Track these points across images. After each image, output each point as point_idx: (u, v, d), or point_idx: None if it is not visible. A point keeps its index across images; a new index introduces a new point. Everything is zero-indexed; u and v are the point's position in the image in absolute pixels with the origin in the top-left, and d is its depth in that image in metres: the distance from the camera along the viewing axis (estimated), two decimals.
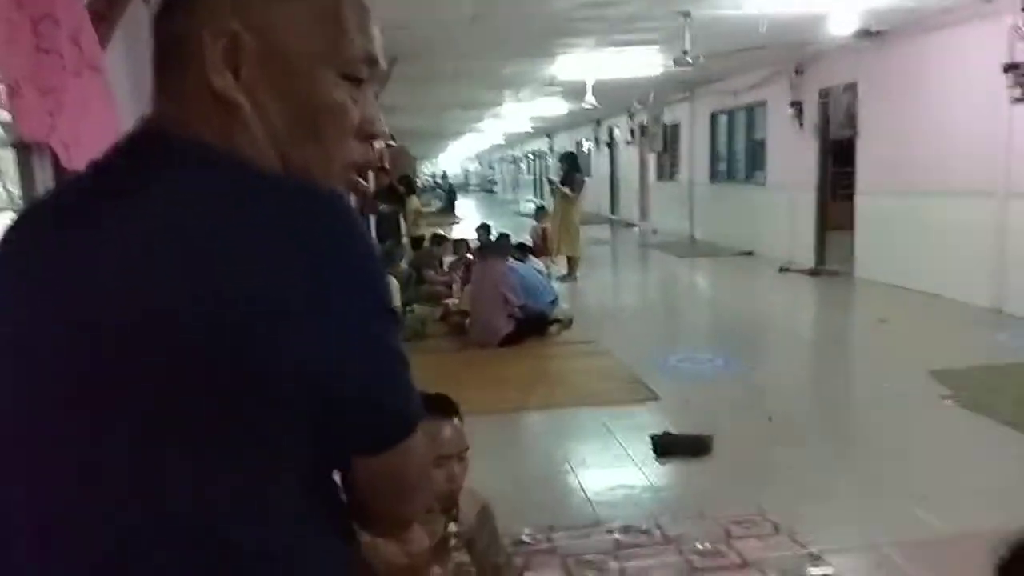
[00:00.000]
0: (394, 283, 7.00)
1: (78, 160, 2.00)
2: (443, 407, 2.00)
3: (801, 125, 10.09)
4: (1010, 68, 6.47)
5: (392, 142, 16.24)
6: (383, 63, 0.83)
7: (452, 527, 2.01)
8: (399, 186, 11.35)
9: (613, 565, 2.86)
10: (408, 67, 8.02)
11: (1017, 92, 6.47)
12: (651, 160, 16.41)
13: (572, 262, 10.09)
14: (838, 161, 10.42)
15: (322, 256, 0.71)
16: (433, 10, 6.13)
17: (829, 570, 2.75)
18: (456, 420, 2.00)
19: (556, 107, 14.41)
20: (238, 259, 0.69)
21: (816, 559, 2.82)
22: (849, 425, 4.62)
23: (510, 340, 6.45)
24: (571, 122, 20.00)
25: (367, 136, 0.83)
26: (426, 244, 10.11)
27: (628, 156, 17.91)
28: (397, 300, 6.88)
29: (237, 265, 0.69)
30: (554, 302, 7.17)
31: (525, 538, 3.07)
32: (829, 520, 3.21)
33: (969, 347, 5.70)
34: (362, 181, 0.88)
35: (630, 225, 17.62)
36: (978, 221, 7.03)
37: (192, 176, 0.74)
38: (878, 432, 4.39)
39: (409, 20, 6.32)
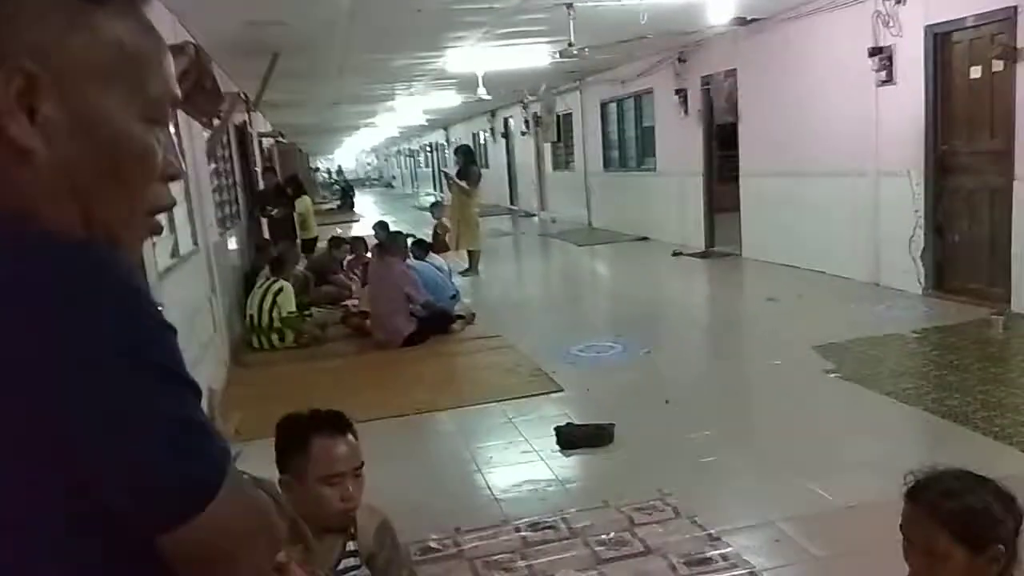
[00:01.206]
0: (288, 288, 6.81)
1: None
2: (336, 423, 1.94)
3: (686, 112, 10.38)
4: (875, 52, 6.85)
5: (281, 139, 15.80)
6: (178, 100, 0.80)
7: (351, 545, 1.96)
8: (287, 187, 11.03)
9: (521, 564, 2.87)
10: (291, 62, 7.78)
11: (882, 75, 6.85)
12: (547, 150, 16.59)
13: (473, 256, 10.08)
14: (723, 146, 10.79)
15: (62, 318, 0.66)
16: (309, 6, 5.94)
17: (728, 550, 2.84)
18: (350, 436, 1.94)
19: (449, 99, 14.33)
20: None
21: (715, 540, 2.91)
22: (742, 404, 4.79)
23: (413, 339, 6.38)
24: (466, 113, 19.95)
25: (168, 178, 0.80)
26: (320, 246, 9.89)
27: (524, 146, 18.04)
28: (291, 306, 6.72)
29: None
30: (455, 297, 7.14)
31: (432, 544, 3.04)
32: (727, 500, 3.32)
33: (850, 321, 6.01)
34: (160, 223, 0.84)
35: (530, 215, 17.78)
36: (854, 199, 7.42)
37: None
38: (769, 410, 4.58)
39: (284, 17, 6.12)
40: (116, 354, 0.67)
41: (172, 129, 0.82)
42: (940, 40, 6.36)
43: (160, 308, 0.73)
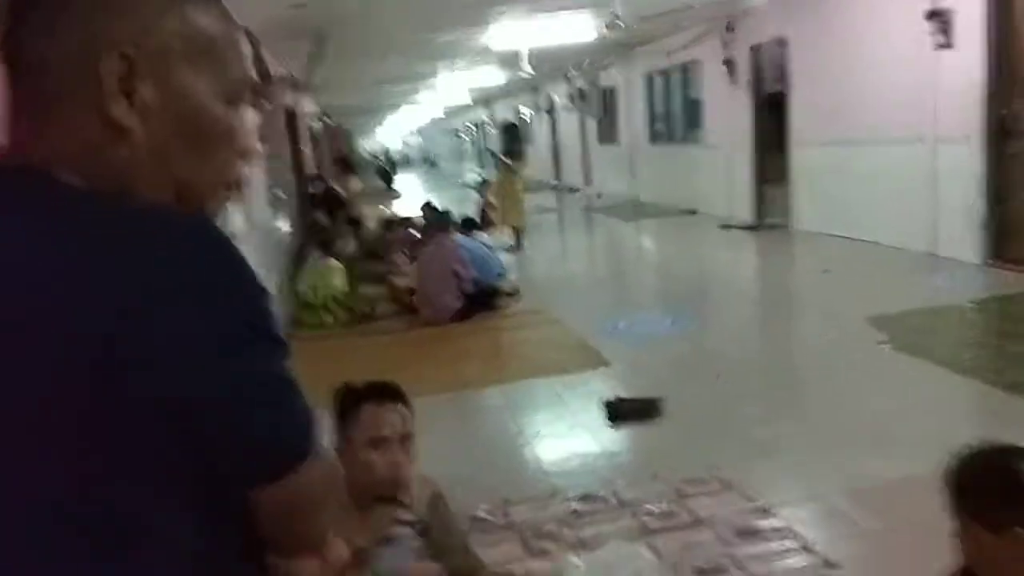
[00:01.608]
0: (338, 266, 6.92)
1: None
2: (387, 392, 1.98)
3: (734, 82, 10.18)
4: (932, 15, 6.60)
5: (327, 119, 15.96)
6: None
7: (405, 515, 2.01)
8: (336, 166, 11.17)
9: (570, 534, 2.90)
10: (338, 43, 7.84)
11: (940, 39, 6.61)
12: (591, 124, 16.44)
13: (518, 232, 10.09)
14: (773, 116, 10.55)
15: (181, 285, 0.70)
16: None
17: (779, 523, 2.82)
18: (400, 405, 1.98)
19: (493, 76, 14.27)
20: (92, 294, 0.68)
21: (766, 512, 2.90)
22: (794, 377, 4.73)
23: (460, 316, 6.43)
24: (509, 90, 19.86)
25: (247, 154, 0.86)
26: (370, 228, 9.99)
27: (568, 122, 17.91)
28: (342, 284, 6.83)
29: (92, 301, 0.68)
30: (502, 275, 7.17)
31: (482, 515, 3.09)
32: (778, 474, 3.29)
33: (905, 292, 5.87)
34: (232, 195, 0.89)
35: (574, 190, 17.68)
36: (910, 167, 7.20)
37: (46, 213, 0.72)
38: (822, 382, 4.51)
39: None
40: (244, 323, 0.73)
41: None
42: (1001, 0, 6.11)
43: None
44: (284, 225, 8.22)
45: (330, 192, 10.86)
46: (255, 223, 6.01)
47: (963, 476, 1.46)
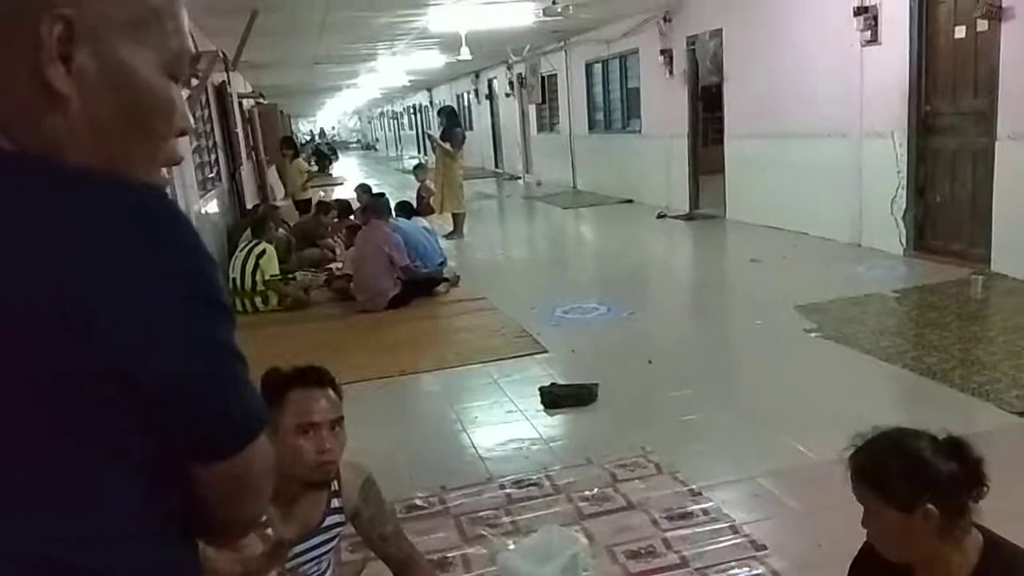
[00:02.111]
0: (271, 251, 6.77)
1: None
2: (315, 377, 1.93)
3: (671, 73, 10.30)
4: (860, 12, 6.80)
5: (262, 100, 15.55)
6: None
7: (335, 502, 1.97)
8: (283, 148, 10.92)
9: (505, 520, 2.91)
10: (270, 19, 7.63)
11: (867, 35, 6.82)
12: (531, 112, 16.45)
13: (457, 219, 10.04)
14: (708, 107, 10.73)
15: (130, 253, 0.69)
16: None
17: (709, 504, 2.89)
18: (329, 390, 1.94)
19: (433, 60, 14.13)
20: (39, 261, 0.66)
21: (696, 495, 2.96)
22: (724, 363, 4.84)
23: (397, 302, 6.37)
24: (450, 74, 19.72)
25: (181, 133, 0.82)
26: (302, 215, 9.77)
27: (508, 108, 17.88)
28: (275, 269, 6.69)
29: (39, 267, 0.66)
30: (441, 261, 7.12)
31: (418, 501, 3.08)
32: (708, 457, 3.37)
33: (831, 282, 6.06)
34: (165, 177, 0.87)
35: (514, 178, 17.69)
36: (837, 161, 7.42)
37: None
38: (751, 368, 4.63)
39: None
40: (194, 291, 0.71)
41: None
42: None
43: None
44: (215, 208, 8.00)
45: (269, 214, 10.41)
46: (185, 205, 5.82)
47: (867, 463, 1.48)
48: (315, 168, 17.81)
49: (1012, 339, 4.44)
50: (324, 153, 25.67)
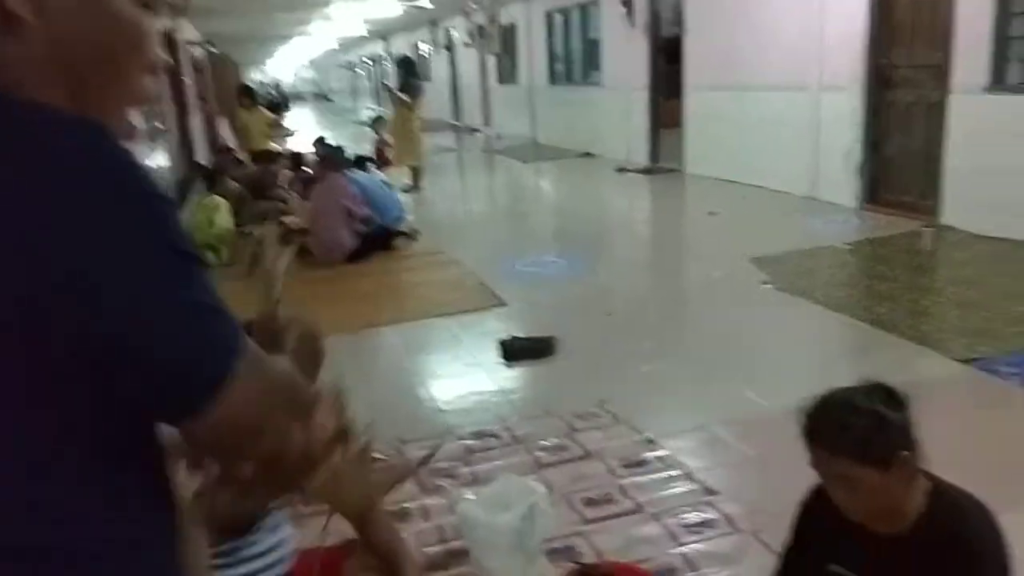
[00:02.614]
0: (223, 204, 6.62)
1: None
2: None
3: (632, 24, 10.20)
4: None
5: (211, 48, 15.05)
6: None
7: None
8: (243, 98, 10.57)
9: (464, 470, 2.93)
10: None
11: None
12: (491, 63, 16.20)
13: (416, 172, 9.91)
14: (671, 59, 10.66)
15: (86, 199, 0.62)
16: None
17: (664, 452, 2.94)
18: None
19: (390, 7, 13.78)
20: None
21: (652, 443, 3.01)
22: (681, 315, 4.90)
23: (355, 256, 6.30)
24: (408, 23, 19.28)
25: (156, 66, 0.75)
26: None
27: (468, 59, 17.58)
28: (227, 223, 6.55)
29: None
30: (399, 215, 7.04)
31: (376, 454, 3.07)
32: (664, 407, 3.42)
33: (786, 234, 6.14)
34: (133, 121, 0.79)
35: (474, 131, 17.48)
36: (794, 114, 7.47)
37: None
38: (707, 320, 4.69)
39: None
40: (158, 239, 0.65)
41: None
42: None
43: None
44: (164, 160, 7.77)
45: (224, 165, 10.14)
46: None
47: (830, 431, 1.46)
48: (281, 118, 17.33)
49: (959, 290, 4.56)
50: (278, 106, 24.98)
